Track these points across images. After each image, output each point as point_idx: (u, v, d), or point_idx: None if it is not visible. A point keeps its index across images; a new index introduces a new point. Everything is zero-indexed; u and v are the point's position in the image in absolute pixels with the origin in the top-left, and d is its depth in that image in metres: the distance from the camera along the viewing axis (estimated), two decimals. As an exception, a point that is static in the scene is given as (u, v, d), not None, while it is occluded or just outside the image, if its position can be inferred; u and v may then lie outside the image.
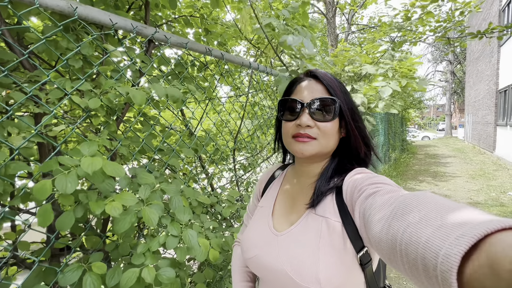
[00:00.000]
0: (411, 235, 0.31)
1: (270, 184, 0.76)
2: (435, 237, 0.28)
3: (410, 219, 0.33)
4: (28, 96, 0.68)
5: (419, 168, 8.17)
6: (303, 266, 0.54)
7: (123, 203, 0.64)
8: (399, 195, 0.42)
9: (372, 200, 0.46)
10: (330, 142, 0.62)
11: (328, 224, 0.57)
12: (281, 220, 0.66)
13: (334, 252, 0.54)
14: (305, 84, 0.64)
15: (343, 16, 7.13)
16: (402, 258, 0.32)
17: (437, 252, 0.27)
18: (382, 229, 0.38)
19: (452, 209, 0.30)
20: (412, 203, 0.36)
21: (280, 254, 0.59)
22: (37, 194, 0.56)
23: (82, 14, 0.82)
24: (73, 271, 0.68)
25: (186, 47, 1.20)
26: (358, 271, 0.55)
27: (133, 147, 1.01)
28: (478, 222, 0.26)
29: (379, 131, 6.38)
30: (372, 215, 0.43)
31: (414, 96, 11.22)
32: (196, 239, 0.73)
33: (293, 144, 0.62)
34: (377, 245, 0.40)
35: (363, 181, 0.53)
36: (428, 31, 3.51)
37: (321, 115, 0.60)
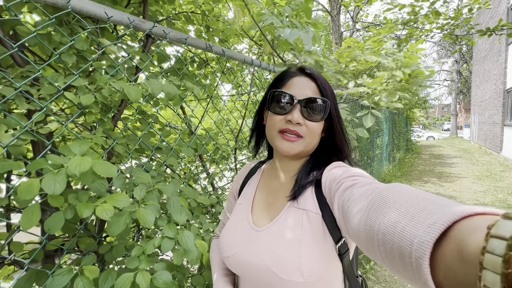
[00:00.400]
0: (387, 225, 0.33)
1: (247, 181, 0.76)
2: (409, 226, 0.29)
3: (386, 210, 0.34)
4: (17, 92, 0.65)
5: (424, 169, 8.06)
6: (286, 260, 0.54)
7: (115, 204, 0.61)
8: (375, 187, 0.43)
9: (350, 193, 0.48)
10: (314, 141, 0.63)
11: (308, 216, 0.58)
12: (261, 216, 0.66)
13: (315, 244, 0.55)
14: (298, 80, 0.64)
15: (348, 13, 7.03)
16: (380, 248, 0.34)
17: (412, 240, 0.28)
18: (360, 221, 0.39)
19: (424, 199, 0.32)
20: (387, 195, 0.37)
21: (261, 249, 0.58)
22: (22, 194, 0.53)
23: (76, 7, 0.79)
24: (63, 275, 0.65)
25: (185, 42, 1.16)
26: (337, 261, 0.57)
27: (130, 146, 0.98)
28: (448, 210, 0.27)
29: (383, 130, 6.29)
30: (351, 207, 0.44)
31: (419, 95, 11.06)
32: (193, 241, 0.70)
33: (279, 140, 0.62)
34: (356, 236, 0.41)
35: (341, 174, 0.55)
36: (435, 29, 3.43)
37: (311, 114, 0.61)
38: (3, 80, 0.66)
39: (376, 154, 5.36)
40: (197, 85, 1.31)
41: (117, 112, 0.94)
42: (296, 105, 0.61)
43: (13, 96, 0.64)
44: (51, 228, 0.58)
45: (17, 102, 0.64)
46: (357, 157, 4.14)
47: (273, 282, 0.55)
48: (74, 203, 0.61)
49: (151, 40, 1.11)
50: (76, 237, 0.80)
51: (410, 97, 9.60)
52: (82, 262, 0.72)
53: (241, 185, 0.78)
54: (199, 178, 1.52)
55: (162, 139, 1.04)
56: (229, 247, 0.65)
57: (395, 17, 3.15)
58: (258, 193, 0.72)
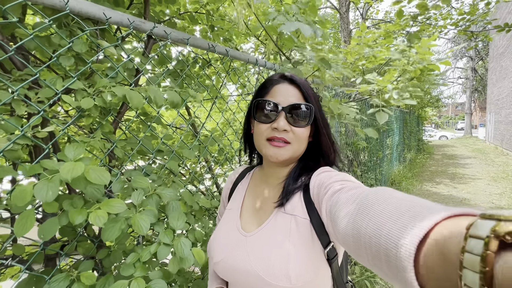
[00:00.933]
0: (373, 228, 0.33)
1: (236, 187, 0.77)
2: (394, 229, 0.30)
3: (372, 213, 0.35)
4: (14, 95, 0.64)
5: (436, 169, 7.83)
6: (274, 264, 0.55)
7: (109, 210, 0.60)
8: (361, 191, 0.43)
9: (337, 197, 0.48)
10: (301, 146, 0.64)
11: (297, 221, 0.58)
12: (249, 221, 0.66)
13: (303, 249, 0.55)
14: (282, 87, 0.65)
15: (357, 11, 6.86)
16: (367, 251, 0.34)
17: (396, 242, 0.29)
18: (347, 225, 0.40)
19: (408, 202, 0.33)
20: (373, 198, 0.38)
21: (249, 254, 0.59)
22: (15, 200, 0.52)
23: (75, 9, 0.78)
24: (59, 282, 0.64)
25: (187, 43, 1.14)
26: (325, 266, 0.57)
27: (129, 149, 0.97)
28: (430, 212, 0.28)
29: (394, 130, 6.13)
30: (338, 211, 0.44)
31: (431, 94, 10.74)
32: (189, 249, 0.68)
33: (268, 147, 0.63)
34: (343, 240, 0.41)
35: (328, 179, 0.55)
36: (449, 25, 3.29)
37: (297, 120, 0.62)
38: (1, 84, 0.66)
39: (386, 154, 5.23)
40: (199, 87, 1.29)
41: (116, 115, 0.93)
42: (281, 113, 0.61)
43: (10, 100, 0.64)
44: (45, 235, 0.57)
45: (14, 106, 0.63)
46: (365, 157, 4.04)
47: (261, 287, 0.55)
48: (68, 209, 0.59)
49: (152, 41, 1.10)
50: (75, 241, 0.80)
51: (422, 95, 9.32)
52: (80, 267, 0.71)
53: (230, 190, 0.78)
54: (202, 180, 1.51)
55: (163, 142, 1.03)
56: (217, 253, 0.65)
57: (406, 13, 3.04)
58: (246, 198, 0.72)
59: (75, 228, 0.81)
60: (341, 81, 1.84)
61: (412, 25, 3.07)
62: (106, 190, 0.85)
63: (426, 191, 5.52)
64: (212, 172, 1.69)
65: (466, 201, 4.77)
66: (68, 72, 0.76)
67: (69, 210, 0.58)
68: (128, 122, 1.07)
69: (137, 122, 1.50)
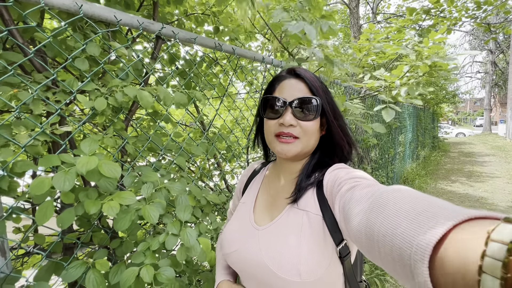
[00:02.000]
0: (387, 227, 0.33)
1: (251, 181, 0.78)
2: (410, 229, 0.29)
3: (387, 212, 0.34)
4: (34, 95, 0.69)
5: (452, 167, 7.57)
6: (284, 259, 0.55)
7: (121, 202, 0.64)
8: (376, 189, 0.43)
9: (351, 194, 0.47)
10: (311, 140, 0.63)
11: (309, 217, 0.58)
12: (262, 215, 0.67)
13: (315, 245, 0.55)
14: (288, 82, 0.65)
15: (368, 5, 6.71)
16: (380, 249, 0.34)
17: (411, 242, 0.28)
18: (360, 222, 0.39)
19: (425, 202, 0.32)
20: (388, 197, 0.37)
21: (261, 248, 0.60)
22: (34, 190, 0.56)
23: (88, 12, 0.82)
24: (76, 268, 0.69)
25: (195, 42, 1.17)
26: (337, 263, 0.57)
27: (140, 146, 1.02)
28: (449, 213, 0.27)
29: (407, 127, 5.98)
30: (352, 209, 0.44)
31: (447, 89, 10.36)
32: (195, 238, 0.71)
33: (276, 143, 0.63)
34: (356, 237, 0.41)
35: (342, 176, 0.55)
36: (465, 17, 3.17)
37: (303, 114, 0.61)
38: (22, 84, 0.71)
39: (398, 152, 5.12)
40: (206, 85, 1.32)
41: (128, 113, 0.97)
42: (287, 108, 0.62)
43: (30, 100, 0.69)
44: (63, 224, 0.62)
45: (32, 106, 0.68)
46: (376, 155, 3.98)
47: (271, 281, 0.56)
48: (83, 200, 0.64)
49: (161, 41, 1.13)
50: (91, 232, 0.85)
51: (437, 91, 9.01)
52: (94, 256, 0.76)
53: (245, 185, 0.80)
54: (210, 176, 1.54)
55: (172, 139, 1.07)
56: (230, 244, 0.67)
57: (419, 6, 2.95)
58: (260, 193, 0.74)
59: (90, 219, 0.86)
60: (347, 76, 1.82)
61: (425, 18, 2.99)
62: (119, 184, 0.90)
63: (441, 189, 5.37)
64: (220, 169, 1.73)
65: (483, 200, 4.60)
66: (82, 72, 0.81)
67: (85, 201, 0.62)
68: (139, 120, 1.11)
69: (148, 119, 1.56)
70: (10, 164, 0.65)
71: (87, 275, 0.70)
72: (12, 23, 0.73)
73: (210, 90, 1.38)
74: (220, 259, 0.78)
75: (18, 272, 0.70)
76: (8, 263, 0.69)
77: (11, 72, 0.65)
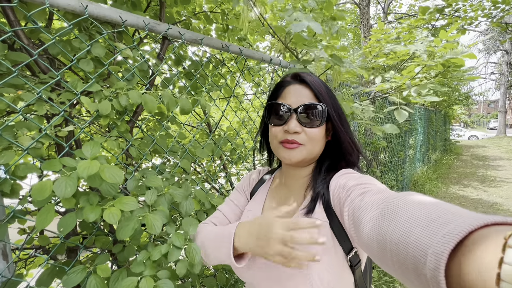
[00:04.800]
0: (400, 234, 0.32)
1: (258, 188, 0.77)
2: (423, 236, 0.28)
3: (399, 219, 0.33)
4: (37, 97, 0.68)
5: (464, 171, 7.35)
6: (295, 269, 0.53)
7: (122, 208, 0.62)
8: (387, 195, 0.42)
9: (361, 201, 0.46)
10: (316, 147, 0.62)
11: None
12: None
13: (325, 254, 0.54)
14: (293, 88, 0.63)
15: (379, 5, 6.56)
16: (392, 258, 0.33)
17: (426, 250, 0.27)
18: (372, 230, 0.38)
19: (438, 208, 0.31)
20: (400, 203, 0.36)
21: None
22: (35, 195, 0.55)
23: (93, 13, 0.81)
24: (77, 273, 0.67)
25: (201, 43, 1.15)
26: (348, 272, 0.56)
27: (145, 148, 1.00)
28: (463, 219, 0.26)
29: (417, 129, 5.83)
30: (362, 216, 0.43)
31: (460, 90, 10.07)
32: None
33: (281, 150, 0.62)
34: (367, 245, 0.40)
35: (350, 182, 0.54)
36: (481, 16, 3.05)
37: (309, 121, 0.60)
38: (26, 86, 0.70)
39: (408, 154, 4.99)
40: (213, 86, 1.30)
41: (133, 115, 0.96)
42: (292, 114, 0.61)
43: (34, 101, 0.68)
44: (64, 228, 0.60)
45: (36, 107, 0.67)
46: (385, 158, 3.89)
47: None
48: (84, 205, 0.62)
49: (167, 42, 1.12)
50: (93, 235, 0.84)
51: (449, 93, 8.76)
52: (96, 260, 0.75)
53: (252, 192, 0.78)
54: (216, 178, 1.52)
55: (176, 141, 1.05)
56: None
57: (432, 6, 2.86)
58: (268, 201, 0.72)
59: (93, 223, 0.85)
60: (356, 78, 1.77)
61: (439, 18, 2.89)
62: (122, 187, 0.89)
63: (453, 194, 5.21)
64: (226, 171, 1.71)
65: (498, 206, 4.44)
66: (87, 73, 0.80)
67: (84, 207, 0.60)
68: (143, 122, 1.10)
69: (154, 121, 1.55)
70: (12, 166, 0.64)
71: (88, 281, 0.68)
72: (17, 24, 0.73)
73: (217, 91, 1.36)
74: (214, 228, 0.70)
75: (20, 275, 0.69)
76: (10, 267, 0.68)
77: (15, 74, 0.65)
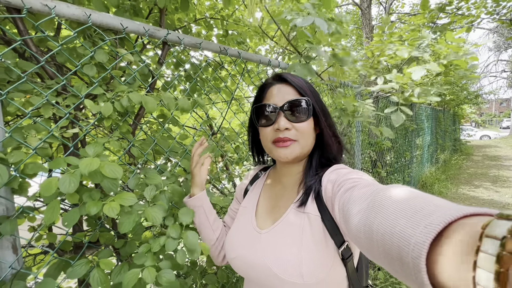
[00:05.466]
0: (386, 226, 0.33)
1: (252, 185, 0.79)
2: (407, 227, 0.30)
3: (385, 211, 0.35)
4: (44, 100, 0.73)
5: (475, 172, 7.17)
6: (286, 261, 0.56)
7: (121, 203, 0.65)
8: (375, 188, 0.43)
9: (350, 194, 0.48)
10: (308, 140, 0.64)
11: (309, 219, 0.58)
12: (264, 218, 0.68)
13: (316, 247, 0.55)
14: (276, 88, 0.66)
15: (381, 5, 6.55)
16: (379, 248, 0.34)
17: (409, 240, 0.29)
18: (360, 221, 0.39)
19: (422, 200, 0.32)
20: (386, 196, 0.37)
21: (263, 250, 0.60)
22: (43, 191, 0.59)
23: (96, 21, 0.86)
24: (81, 266, 0.71)
25: (200, 47, 1.20)
26: (340, 266, 0.57)
27: (147, 148, 1.04)
28: (445, 211, 0.28)
29: (425, 129, 5.75)
30: (351, 208, 0.44)
31: (468, 89, 9.88)
32: (197, 240, 0.72)
33: (275, 150, 0.64)
34: (355, 237, 0.41)
35: (341, 176, 0.55)
36: (484, 14, 3.02)
37: (296, 117, 0.62)
38: (34, 91, 0.75)
39: (415, 155, 4.92)
40: (212, 89, 1.34)
41: (135, 117, 1.00)
42: (279, 113, 0.62)
43: (41, 104, 0.73)
44: (68, 222, 0.64)
45: (43, 110, 0.72)
46: (391, 158, 3.85)
47: (275, 283, 0.57)
48: (87, 200, 0.66)
49: (167, 47, 1.17)
50: (97, 231, 0.88)
51: (457, 92, 8.60)
52: (99, 255, 0.78)
53: (246, 189, 0.81)
54: (218, 177, 1.56)
55: (177, 141, 1.09)
56: (233, 249, 0.68)
57: (434, 4, 2.85)
58: (262, 197, 0.75)
59: (97, 219, 0.89)
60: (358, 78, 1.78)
61: (441, 16, 2.87)
62: (124, 186, 0.93)
63: (463, 194, 5.09)
64: (228, 172, 1.74)
65: (510, 206, 4.31)
66: (91, 78, 0.85)
67: (87, 202, 0.64)
68: (147, 124, 1.14)
69: (157, 124, 1.60)
70: (21, 165, 0.69)
71: (91, 274, 0.72)
72: (26, 33, 0.78)
73: (216, 93, 1.40)
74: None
75: (29, 269, 0.73)
76: (19, 260, 0.73)
77: (24, 79, 0.70)
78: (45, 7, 0.74)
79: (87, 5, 1.16)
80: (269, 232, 0.63)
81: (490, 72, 25.07)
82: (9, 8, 0.72)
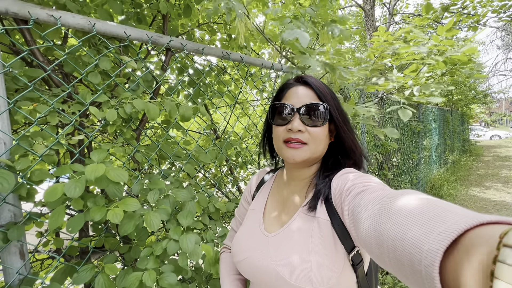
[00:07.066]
0: (397, 231, 0.32)
1: (260, 188, 0.78)
2: (420, 234, 0.29)
3: (396, 217, 0.34)
4: (50, 108, 0.75)
5: (486, 173, 7.00)
6: (295, 266, 0.54)
7: (125, 208, 0.66)
8: (386, 193, 0.42)
9: (360, 199, 0.47)
10: (319, 146, 0.63)
11: (319, 223, 0.57)
12: (272, 222, 0.67)
13: (326, 252, 0.54)
14: (296, 89, 0.66)
15: (384, 6, 6.51)
16: (389, 254, 0.33)
17: (421, 247, 0.28)
18: (370, 226, 0.39)
19: (435, 206, 0.31)
20: (398, 201, 0.36)
21: (271, 254, 0.59)
22: (47, 197, 0.60)
23: (101, 30, 0.88)
24: (86, 271, 0.72)
25: (202, 52, 1.21)
26: (350, 271, 0.55)
27: (151, 154, 1.05)
28: (460, 218, 0.26)
29: (432, 130, 5.65)
30: (361, 213, 0.43)
31: (476, 89, 9.69)
32: (193, 244, 0.72)
33: (284, 149, 0.63)
34: (365, 242, 0.40)
35: (351, 180, 0.54)
36: (491, 12, 2.97)
37: (311, 120, 0.61)
38: (41, 99, 0.77)
39: (422, 156, 4.84)
40: (215, 93, 1.35)
41: (139, 123, 1.02)
42: (295, 114, 0.62)
43: (47, 112, 0.75)
44: (72, 228, 0.65)
45: (49, 118, 0.73)
46: (398, 160, 3.79)
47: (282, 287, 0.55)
48: (91, 206, 0.67)
49: (171, 53, 1.18)
50: (102, 237, 0.89)
51: (465, 91, 8.45)
52: (104, 260, 0.79)
53: (254, 192, 0.80)
54: (221, 182, 1.56)
55: (180, 147, 1.10)
56: (241, 252, 0.67)
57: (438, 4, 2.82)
58: (270, 200, 0.74)
59: (102, 224, 0.90)
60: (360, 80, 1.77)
61: (446, 16, 2.84)
62: (129, 191, 0.94)
63: (473, 196, 4.97)
64: (233, 176, 1.74)
65: (523, 208, 4.19)
66: (96, 86, 0.86)
67: (91, 208, 0.65)
68: (152, 130, 1.16)
69: (162, 129, 1.62)
70: (28, 172, 0.70)
71: (96, 279, 0.73)
72: (33, 43, 0.81)
73: (219, 98, 1.41)
74: (226, 275, 0.75)
75: (36, 274, 0.74)
76: (26, 265, 0.74)
77: (31, 88, 0.72)
78: (51, 18, 0.77)
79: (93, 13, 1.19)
80: (277, 236, 0.62)
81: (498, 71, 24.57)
82: (17, 19, 0.74)
